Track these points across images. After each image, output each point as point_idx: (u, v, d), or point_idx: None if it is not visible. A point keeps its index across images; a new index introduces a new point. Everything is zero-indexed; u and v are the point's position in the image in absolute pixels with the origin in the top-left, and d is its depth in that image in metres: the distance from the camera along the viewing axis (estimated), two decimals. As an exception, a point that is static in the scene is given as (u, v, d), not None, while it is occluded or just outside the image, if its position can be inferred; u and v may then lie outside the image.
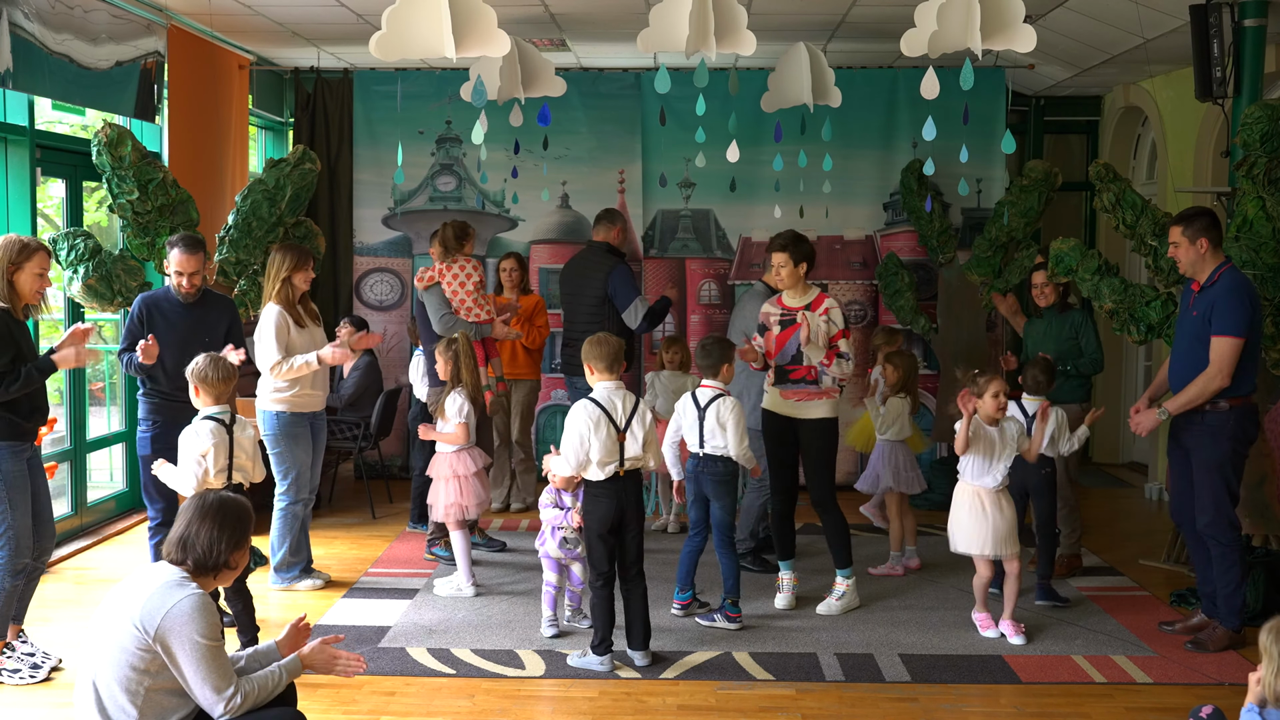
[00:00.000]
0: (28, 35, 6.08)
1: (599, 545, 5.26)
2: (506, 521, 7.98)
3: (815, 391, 6.00)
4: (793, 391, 6.05)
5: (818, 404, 6.01)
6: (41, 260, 5.03)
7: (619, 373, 5.28)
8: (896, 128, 9.22)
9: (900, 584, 6.64)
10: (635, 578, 5.32)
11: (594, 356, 5.26)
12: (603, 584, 5.27)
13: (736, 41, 5.57)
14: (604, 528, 5.23)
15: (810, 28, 7.96)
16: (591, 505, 5.26)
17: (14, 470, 4.97)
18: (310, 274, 6.34)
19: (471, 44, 5.33)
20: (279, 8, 7.51)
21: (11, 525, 4.97)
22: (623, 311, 7.16)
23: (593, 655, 5.25)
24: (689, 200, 9.42)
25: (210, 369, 5.10)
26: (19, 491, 4.99)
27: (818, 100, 6.94)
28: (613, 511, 5.21)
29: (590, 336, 5.36)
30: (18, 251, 4.97)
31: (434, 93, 9.37)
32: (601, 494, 5.21)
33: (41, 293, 5.07)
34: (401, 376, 9.07)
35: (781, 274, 6.03)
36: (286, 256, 6.25)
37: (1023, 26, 5.25)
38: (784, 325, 6.03)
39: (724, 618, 5.82)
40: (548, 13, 7.56)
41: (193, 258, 5.81)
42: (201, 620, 3.30)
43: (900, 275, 8.62)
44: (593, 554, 5.30)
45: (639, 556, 5.32)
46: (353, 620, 5.90)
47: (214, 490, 3.94)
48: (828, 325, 5.92)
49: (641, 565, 5.34)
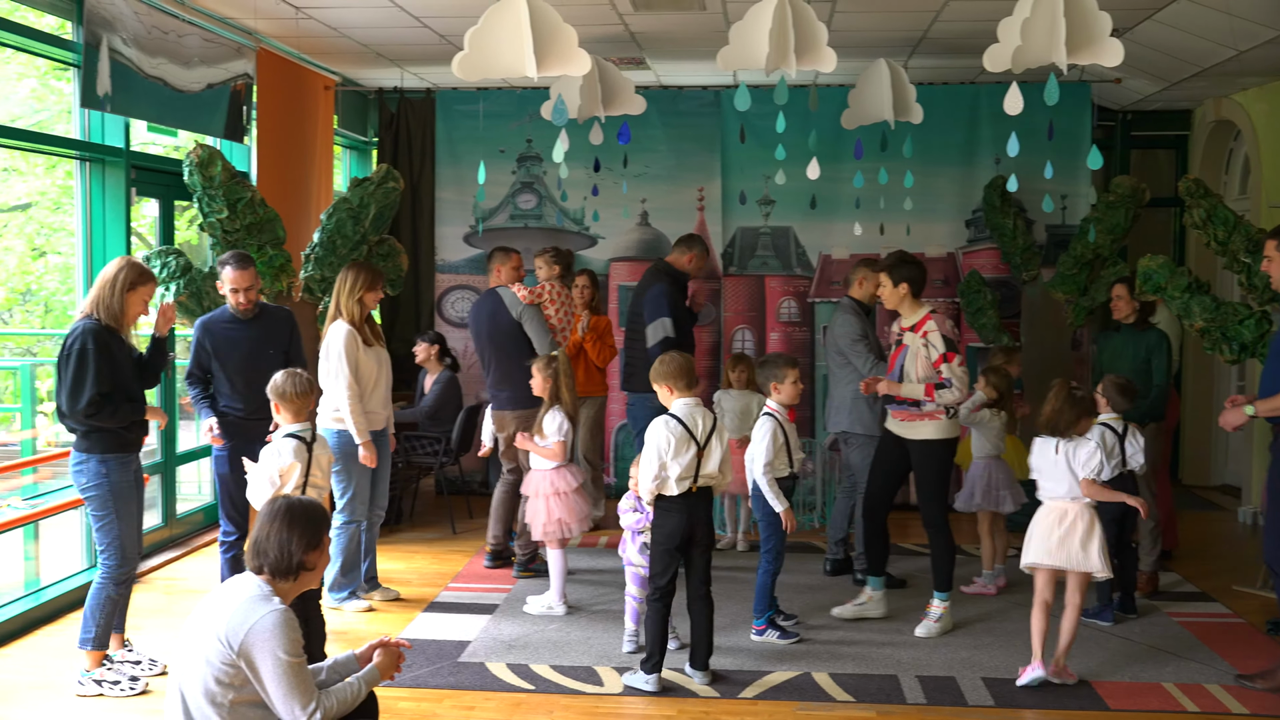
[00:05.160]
0: (125, 60, 6.25)
1: (664, 559, 5.22)
2: (585, 539, 7.98)
3: (917, 414, 5.97)
4: (899, 411, 6.06)
5: (922, 425, 5.98)
6: (152, 289, 5.20)
7: (698, 388, 5.28)
8: (979, 144, 9.10)
9: (984, 605, 6.52)
10: (704, 597, 5.27)
11: (669, 375, 5.24)
12: (659, 598, 5.23)
13: (817, 58, 5.54)
14: (672, 543, 5.20)
15: (891, 44, 7.89)
16: (662, 519, 5.23)
17: (122, 481, 5.09)
18: (380, 294, 6.40)
19: (552, 63, 5.36)
20: (364, 29, 7.64)
21: (118, 536, 5.09)
22: (647, 326, 7.18)
23: (641, 673, 5.22)
24: (768, 218, 9.38)
25: (287, 384, 5.08)
26: (126, 502, 5.11)
27: (899, 117, 6.87)
28: (683, 527, 5.18)
29: (660, 357, 5.35)
30: (139, 273, 5.13)
31: (515, 112, 9.45)
32: (673, 509, 5.19)
33: (137, 319, 5.20)
34: (482, 393, 9.13)
35: (884, 294, 6.05)
36: (360, 276, 6.29)
37: (1109, 40, 5.14)
38: (896, 344, 6.05)
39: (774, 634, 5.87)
40: (628, 32, 7.59)
41: (245, 273, 5.87)
42: (284, 636, 3.33)
43: (983, 293, 8.49)
44: (655, 566, 5.26)
45: (707, 576, 5.28)
46: (432, 635, 5.94)
47: (285, 495, 3.88)
48: (927, 350, 5.85)
49: (709, 586, 5.29)
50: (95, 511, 5.09)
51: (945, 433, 5.98)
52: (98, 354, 4.94)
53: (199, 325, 5.96)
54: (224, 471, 5.86)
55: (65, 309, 11.15)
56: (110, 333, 5.03)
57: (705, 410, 5.24)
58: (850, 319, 6.68)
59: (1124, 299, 6.72)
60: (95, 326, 5.00)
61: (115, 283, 5.05)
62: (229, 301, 5.92)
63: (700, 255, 7.52)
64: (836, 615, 6.25)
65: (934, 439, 5.97)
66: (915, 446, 6.02)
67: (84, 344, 4.94)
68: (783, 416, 5.82)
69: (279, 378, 5.12)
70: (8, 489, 7.28)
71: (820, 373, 9.31)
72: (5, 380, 8.73)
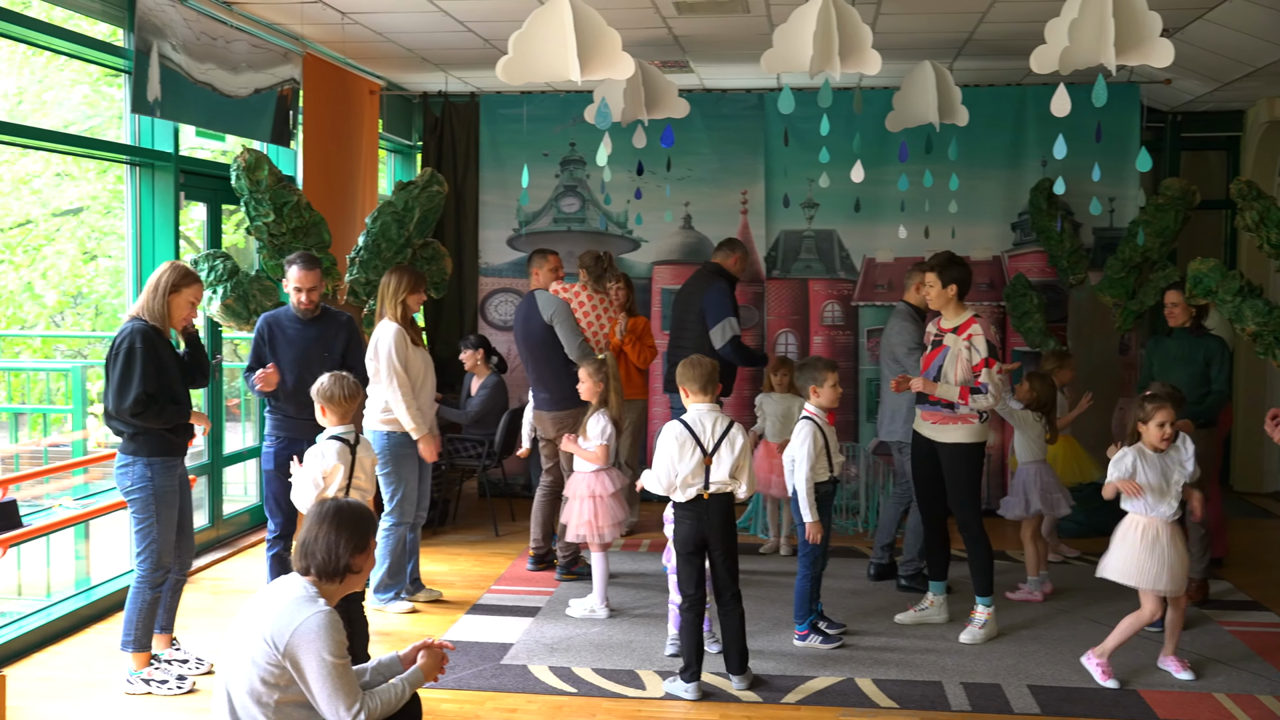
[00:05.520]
0: (175, 66, 6.33)
1: (685, 566, 5.22)
2: (628, 542, 7.98)
3: (949, 416, 5.90)
4: (930, 413, 5.99)
5: (954, 428, 5.91)
6: (197, 291, 5.25)
7: (713, 395, 5.25)
8: (1025, 146, 9.02)
9: (1030, 612, 6.45)
10: (729, 602, 5.25)
11: (687, 378, 5.25)
12: (689, 607, 5.22)
13: (861, 61, 5.51)
14: (686, 549, 5.19)
15: (936, 46, 7.84)
16: (677, 526, 5.24)
17: (165, 486, 5.15)
18: (423, 296, 6.44)
19: (596, 67, 5.37)
20: (409, 34, 7.69)
21: (155, 540, 5.15)
22: (710, 328, 7.17)
23: (681, 681, 5.21)
24: (812, 221, 9.34)
25: (335, 387, 5.10)
26: (167, 506, 5.17)
27: (944, 119, 6.82)
28: (694, 534, 5.17)
29: (685, 359, 5.35)
30: (181, 276, 5.19)
31: (558, 115, 9.48)
32: (685, 516, 5.18)
33: (187, 321, 5.26)
34: (524, 396, 9.16)
35: (930, 294, 6.00)
36: (404, 279, 6.34)
37: (1159, 40, 5.08)
38: (934, 345, 6.00)
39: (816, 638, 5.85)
40: (671, 35, 7.59)
41: (311, 273, 5.95)
42: (329, 638, 3.35)
43: (1029, 296, 8.41)
44: (679, 575, 5.27)
45: (732, 581, 5.24)
46: (475, 637, 5.96)
47: (333, 497, 3.89)
48: (969, 353, 5.81)
49: (736, 589, 5.26)
50: (136, 514, 5.15)
51: (976, 436, 5.92)
52: (144, 354, 5.01)
53: (263, 319, 6.06)
54: (270, 468, 5.93)
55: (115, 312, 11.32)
56: (157, 334, 5.10)
57: (721, 416, 5.21)
58: (907, 325, 6.63)
59: (1179, 306, 6.61)
60: (143, 327, 5.07)
61: (158, 287, 5.13)
62: (291, 300, 6.00)
63: (743, 257, 7.63)
64: (899, 622, 6.19)
65: (965, 442, 5.91)
66: (945, 450, 5.96)
67: (131, 343, 5.01)
68: (822, 420, 5.79)
69: (325, 380, 5.14)
70: (59, 489, 7.40)
71: (864, 376, 9.27)
72: (57, 382, 8.87)
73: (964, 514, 5.98)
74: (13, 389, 8.96)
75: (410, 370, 6.27)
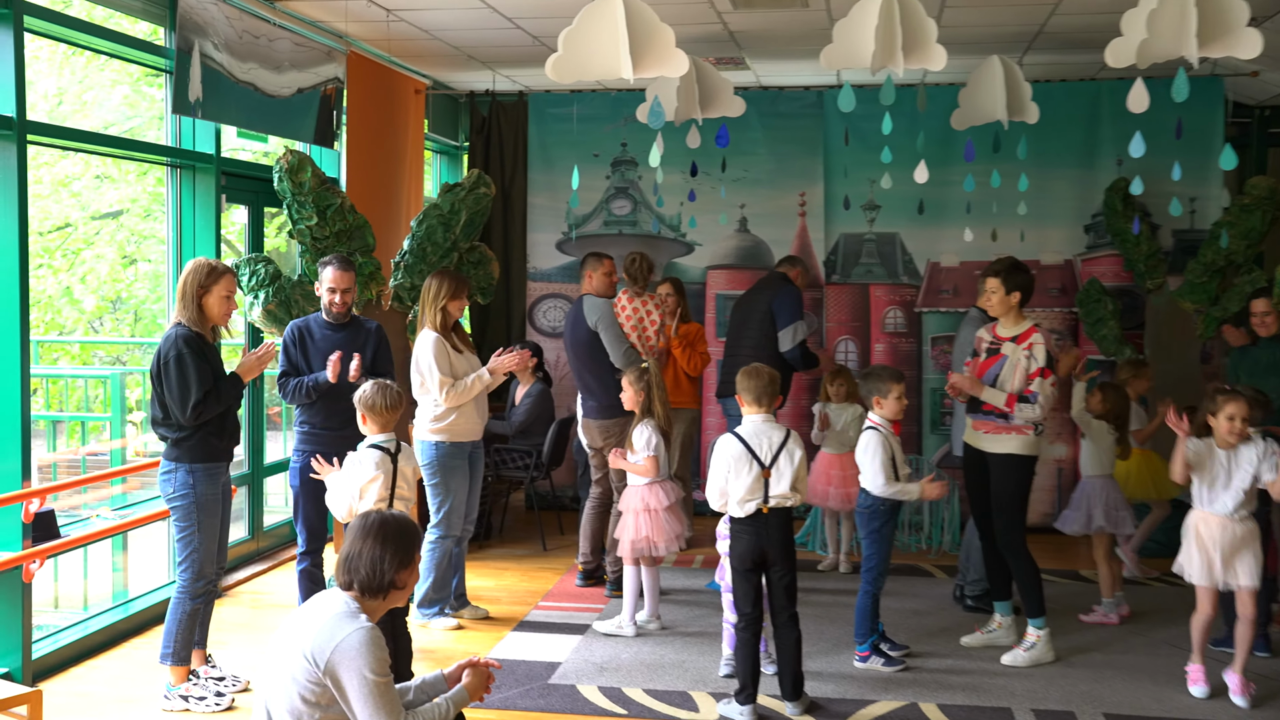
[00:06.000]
0: (216, 65, 6.41)
1: (741, 584, 5.20)
2: (681, 557, 7.97)
3: (1003, 425, 5.84)
4: (981, 422, 5.93)
5: (1005, 439, 5.85)
6: (229, 283, 5.29)
7: (769, 406, 5.23)
8: (1099, 144, 8.91)
9: (1105, 635, 6.35)
10: (786, 622, 5.22)
11: (743, 388, 5.25)
12: (745, 626, 5.20)
13: (925, 56, 5.47)
14: (744, 566, 5.17)
15: (1004, 40, 7.77)
16: (733, 542, 5.22)
17: (208, 494, 5.22)
18: (465, 302, 6.47)
19: (649, 64, 5.37)
20: (455, 32, 7.74)
21: (197, 549, 5.21)
22: (780, 329, 7.17)
23: (735, 704, 5.18)
24: (873, 224, 9.29)
25: (378, 396, 5.10)
26: (210, 515, 5.23)
27: (1013, 116, 6.75)
28: (753, 550, 5.15)
29: (745, 367, 5.34)
30: (206, 274, 5.23)
31: (609, 115, 9.50)
32: (743, 531, 5.16)
33: (229, 315, 5.32)
34: (573, 405, 9.17)
35: (992, 300, 5.95)
36: (444, 284, 6.38)
37: (1246, 30, 4.98)
38: (989, 354, 5.94)
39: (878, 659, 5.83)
40: (726, 31, 7.58)
41: (346, 275, 6.01)
42: (371, 655, 3.36)
43: (1103, 302, 8.30)
44: (735, 593, 5.25)
45: (789, 600, 5.21)
46: (521, 655, 5.97)
47: (377, 509, 3.87)
48: (1027, 361, 5.75)
49: (794, 610, 5.22)
50: (178, 522, 5.22)
51: (1028, 449, 5.85)
52: (193, 356, 5.10)
53: (291, 325, 6.10)
54: (296, 484, 5.96)
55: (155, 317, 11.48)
56: (200, 339, 5.18)
57: (777, 427, 5.20)
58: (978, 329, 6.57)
59: (1271, 315, 6.49)
60: (186, 332, 5.15)
61: (186, 292, 5.20)
62: (324, 301, 6.05)
63: (803, 272, 7.75)
64: (965, 644, 6.13)
65: (1016, 454, 5.85)
66: (995, 461, 5.91)
67: (178, 350, 5.09)
68: (888, 431, 5.75)
69: (368, 388, 5.14)
70: (97, 499, 7.51)
71: (928, 386, 9.19)
72: (95, 389, 9.00)
73: (1004, 527, 5.92)
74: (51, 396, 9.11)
75: (456, 376, 6.31)
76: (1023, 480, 5.89)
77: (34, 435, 5.66)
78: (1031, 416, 5.74)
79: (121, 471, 7.17)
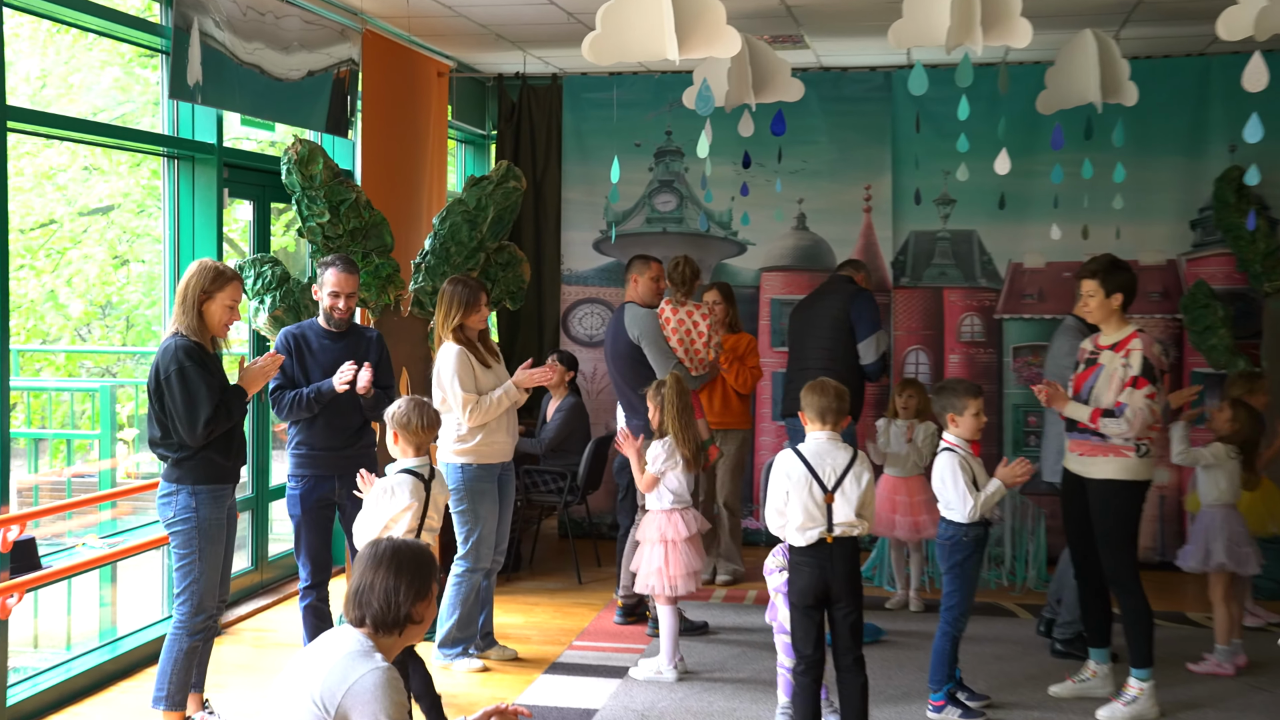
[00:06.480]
0: (218, 45, 6.47)
1: (801, 622, 5.17)
2: (731, 593, 7.95)
3: (1100, 446, 5.79)
4: (1079, 443, 5.89)
5: (1103, 461, 5.80)
6: (235, 290, 5.29)
7: (834, 425, 5.21)
8: (1208, 128, 8.83)
9: (1218, 689, 6.26)
10: (851, 666, 5.17)
11: (807, 404, 5.24)
12: (804, 670, 5.17)
13: (1008, 32, 5.44)
14: (804, 601, 5.14)
15: (1099, 11, 7.73)
16: (793, 575, 5.19)
17: (211, 518, 5.24)
18: (485, 312, 6.48)
19: (697, 44, 5.37)
20: (482, 8, 7.78)
21: (198, 579, 5.23)
22: (860, 340, 7.17)
23: None
24: (948, 220, 9.25)
25: (414, 413, 5.07)
26: (212, 542, 5.25)
27: (1107, 98, 6.71)
28: (815, 584, 5.12)
29: (811, 381, 5.33)
30: (211, 279, 5.23)
31: (653, 100, 9.52)
32: (803, 563, 5.13)
33: (229, 326, 5.33)
34: (611, 422, 9.18)
35: (1090, 305, 5.91)
36: (456, 297, 6.37)
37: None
38: (1087, 364, 5.91)
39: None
40: (783, 5, 7.58)
41: (350, 277, 6.04)
42: (387, 698, 3.37)
43: (1212, 308, 8.23)
44: (795, 632, 5.21)
45: (855, 642, 5.17)
46: (554, 700, 5.97)
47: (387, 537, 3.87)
48: (1124, 370, 5.70)
49: (859, 653, 5.19)
50: (178, 549, 5.25)
51: (1131, 473, 5.78)
52: (197, 369, 5.11)
53: (283, 333, 6.09)
54: (296, 512, 5.99)
55: (149, 324, 11.58)
56: (200, 349, 5.19)
57: (842, 447, 5.19)
58: (1078, 344, 6.50)
59: None
60: (185, 343, 5.15)
61: (186, 297, 5.20)
62: (324, 305, 6.06)
63: (867, 277, 7.83)
64: (1054, 694, 6.06)
65: (1116, 479, 5.78)
66: (1093, 487, 5.85)
67: (180, 363, 5.10)
68: (966, 451, 5.72)
69: (403, 405, 5.11)
70: (83, 526, 7.56)
71: (1009, 402, 9.13)
72: (82, 403, 9.07)
73: (1113, 563, 5.87)
74: (33, 411, 9.21)
75: (481, 394, 6.33)
76: (1123, 509, 5.82)
77: (13, 455, 5.72)
78: (1115, 431, 5.68)
79: (111, 495, 7.22)
